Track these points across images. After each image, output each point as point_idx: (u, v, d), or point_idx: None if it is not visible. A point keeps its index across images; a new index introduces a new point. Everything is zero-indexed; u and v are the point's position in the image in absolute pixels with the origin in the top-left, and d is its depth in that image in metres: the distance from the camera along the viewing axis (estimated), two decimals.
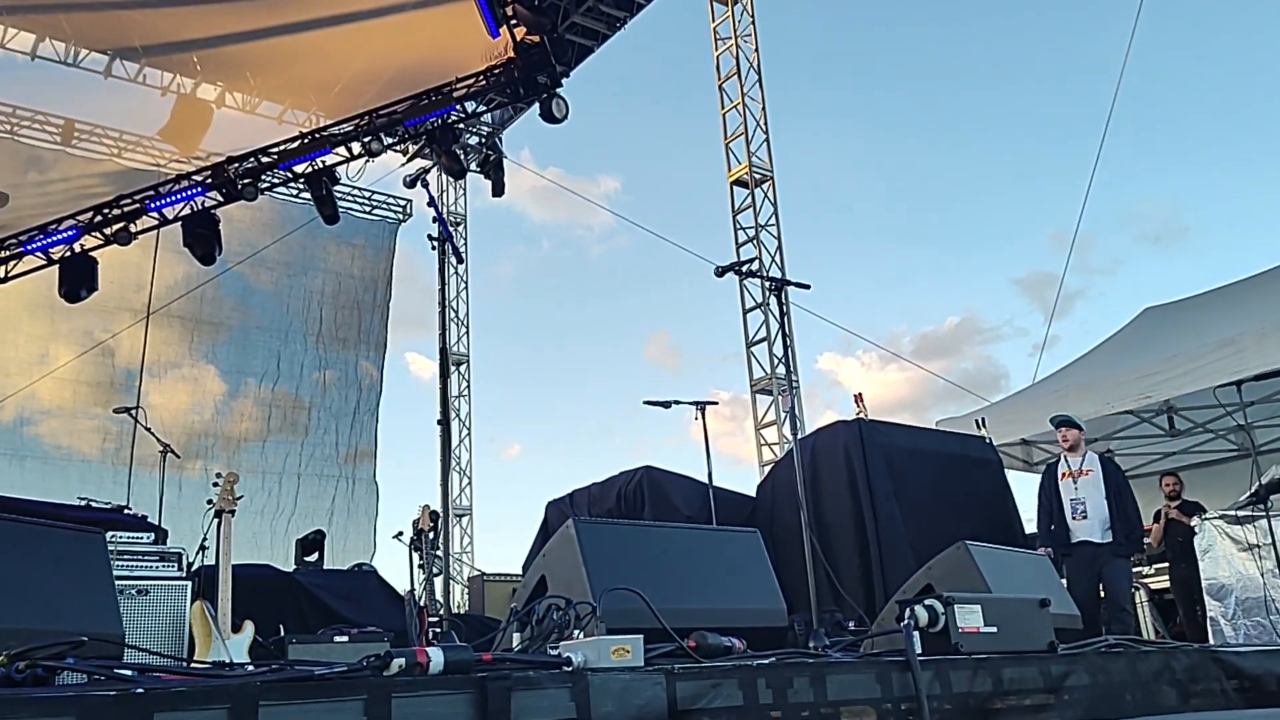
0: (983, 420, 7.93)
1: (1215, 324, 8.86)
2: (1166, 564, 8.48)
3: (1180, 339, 9.03)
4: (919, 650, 2.73)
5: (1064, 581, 5.88)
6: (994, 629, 2.95)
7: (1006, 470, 7.78)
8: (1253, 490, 7.21)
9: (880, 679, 2.65)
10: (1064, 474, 6.75)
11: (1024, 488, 7.58)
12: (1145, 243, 26.02)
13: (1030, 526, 7.03)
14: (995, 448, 7.12)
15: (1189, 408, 9.66)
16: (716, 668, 2.41)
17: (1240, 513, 7.48)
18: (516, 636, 2.64)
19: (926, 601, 2.88)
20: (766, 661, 2.51)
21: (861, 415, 6.97)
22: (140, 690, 1.67)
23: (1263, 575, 7.22)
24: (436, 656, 2.04)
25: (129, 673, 1.86)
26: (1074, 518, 6.58)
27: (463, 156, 11.94)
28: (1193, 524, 7.97)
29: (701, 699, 2.31)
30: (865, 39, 25.91)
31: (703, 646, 2.59)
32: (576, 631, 2.50)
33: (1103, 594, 6.56)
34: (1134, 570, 8.50)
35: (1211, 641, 7.07)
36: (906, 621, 2.80)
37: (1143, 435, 10.47)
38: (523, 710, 2.06)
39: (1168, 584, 8.45)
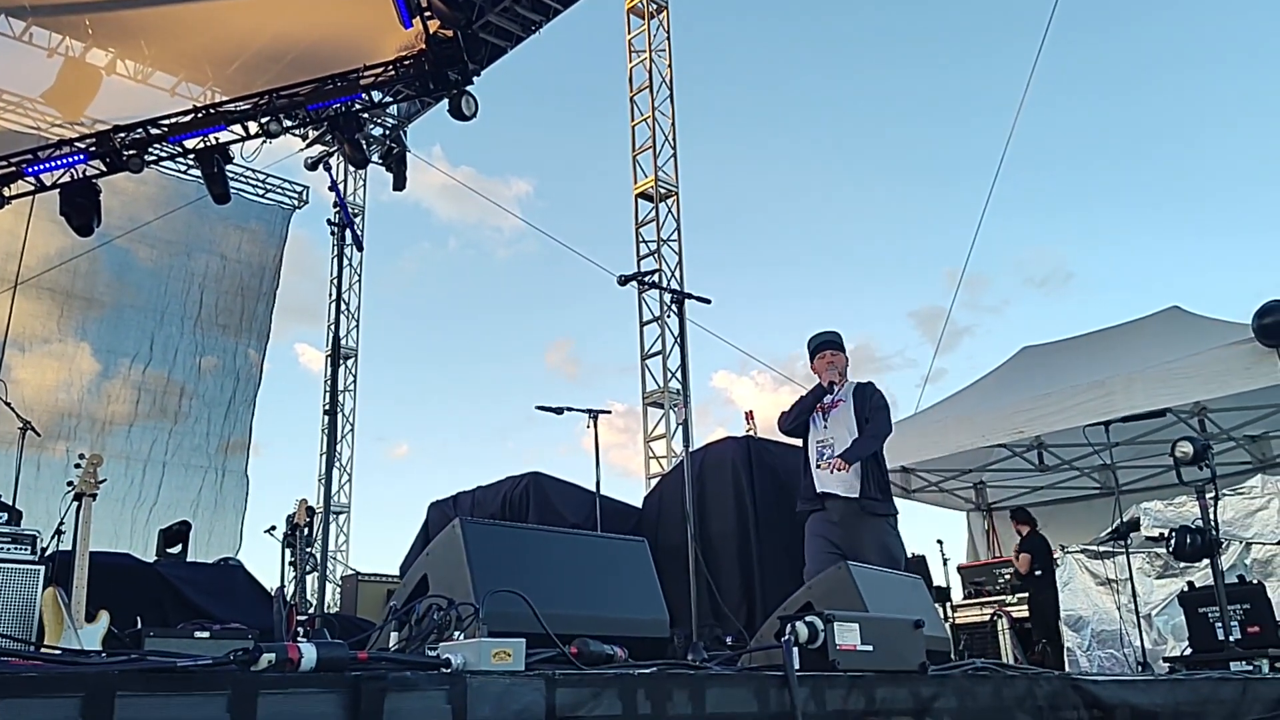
0: None
1: (1088, 366, 9.28)
2: (1028, 593, 8.83)
3: (1054, 378, 9.42)
4: (797, 666, 2.76)
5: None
6: (870, 647, 3.00)
7: None
8: (1114, 527, 7.57)
9: (758, 694, 2.66)
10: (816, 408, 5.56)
11: (903, 514, 7.73)
12: (1032, 286, 27.24)
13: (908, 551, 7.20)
14: None
15: (1058, 445, 10.09)
16: (598, 676, 2.38)
17: (1101, 548, 7.85)
18: (394, 636, 2.56)
19: (807, 618, 2.91)
20: (647, 671, 2.49)
21: (751, 433, 7.06)
22: None
23: (1119, 609, 7.58)
24: (309, 652, 1.95)
25: None
26: (819, 464, 5.29)
27: (365, 147, 11.69)
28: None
29: (581, 707, 2.28)
30: (777, 64, 26.45)
31: (584, 654, 2.56)
32: (457, 633, 2.43)
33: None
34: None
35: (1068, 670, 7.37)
36: (786, 637, 2.82)
37: (1014, 469, 10.89)
38: (396, 712, 1.99)
39: (1028, 612, 8.80)
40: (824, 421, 5.44)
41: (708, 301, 4.48)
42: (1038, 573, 8.84)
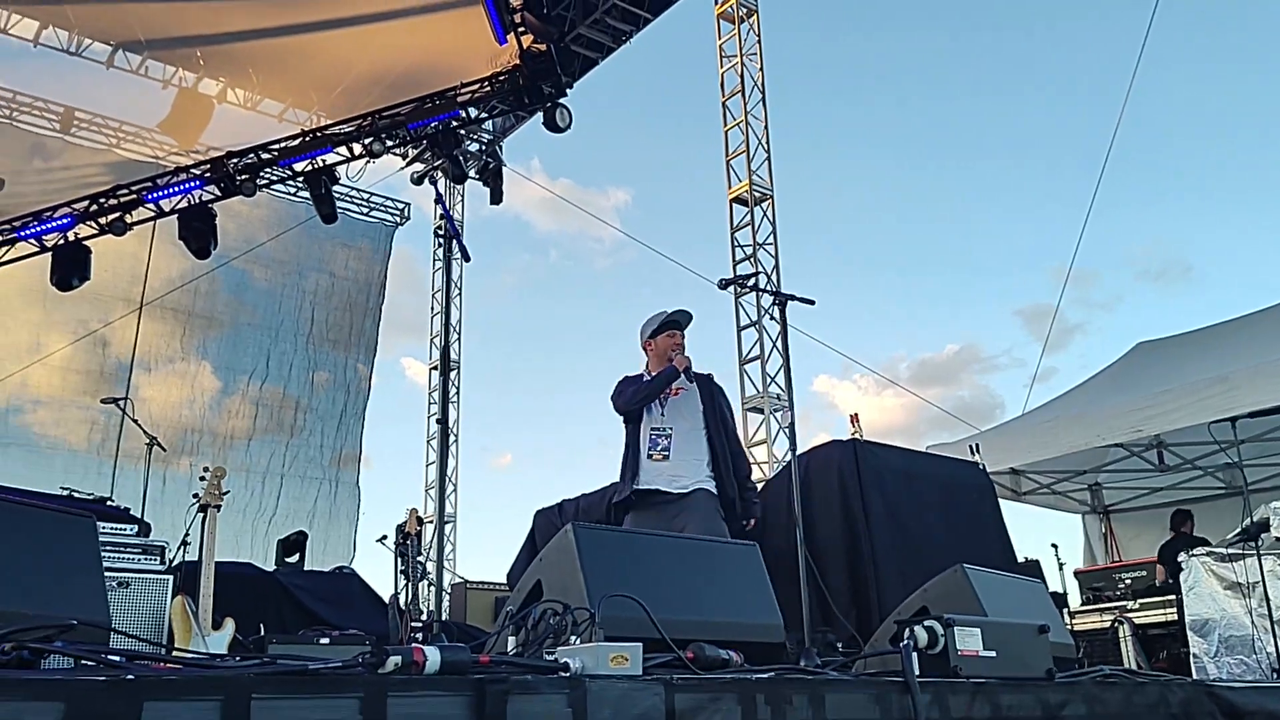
0: (976, 446, 7.92)
1: (1208, 360, 8.88)
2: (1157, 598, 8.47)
3: (1172, 374, 9.05)
4: (917, 671, 2.69)
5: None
6: (993, 653, 2.91)
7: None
8: (1242, 528, 7.21)
9: (879, 700, 2.61)
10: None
11: (1013, 517, 7.46)
12: (1147, 279, 26.19)
13: (1020, 556, 6.99)
14: (988, 473, 7.10)
15: (1179, 443, 9.67)
16: (715, 680, 2.37)
17: (1229, 550, 7.48)
18: (511, 641, 2.59)
19: (926, 622, 2.84)
20: (765, 676, 2.46)
21: (857, 435, 6.94)
22: (131, 677, 1.61)
23: (1249, 613, 7.21)
24: (433, 656, 1.99)
25: (118, 659, 1.80)
26: (650, 454, 4.80)
27: (463, 162, 11.92)
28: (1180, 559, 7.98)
29: (700, 712, 2.26)
30: (873, 64, 26.08)
31: (700, 658, 2.55)
32: (573, 638, 2.45)
33: None
34: (1118, 604, 8.55)
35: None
36: (905, 642, 2.76)
37: (1132, 469, 10.48)
38: (519, 714, 2.01)
39: (1153, 619, 8.43)
40: (662, 409, 4.95)
41: (811, 303, 4.42)
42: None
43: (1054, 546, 9.09)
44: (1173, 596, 8.27)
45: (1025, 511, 11.09)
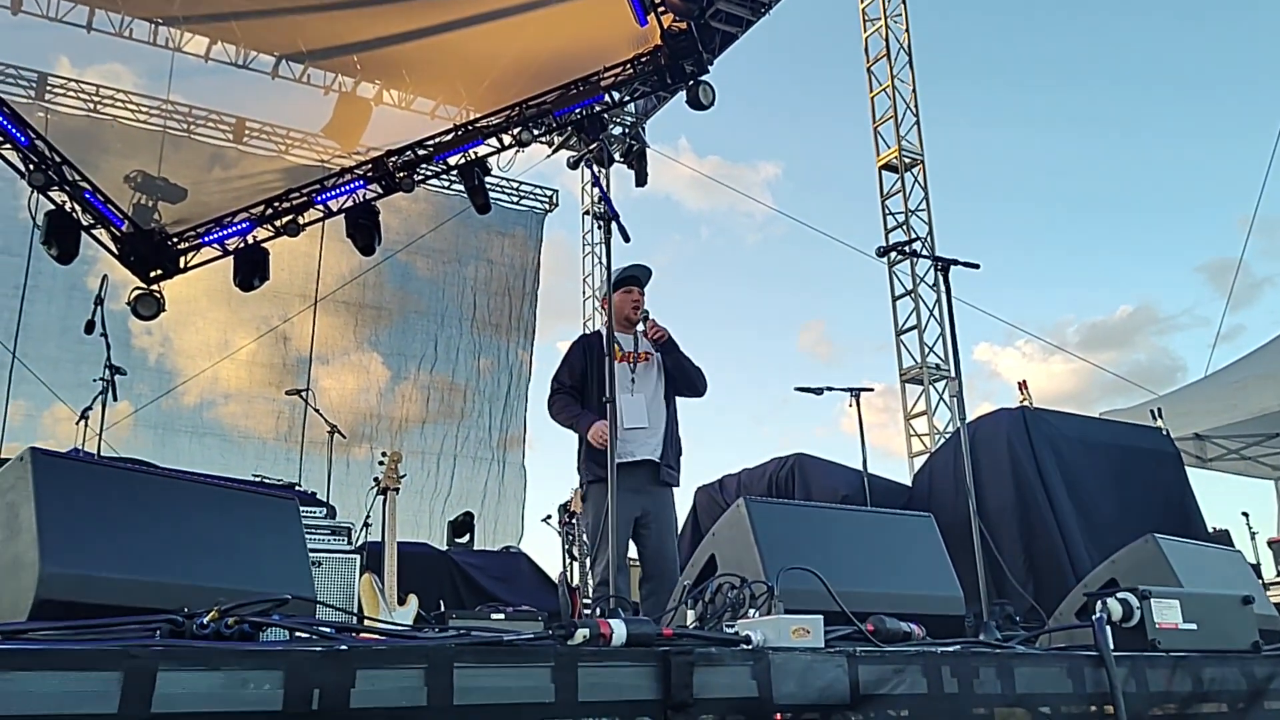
0: (1159, 411, 7.48)
1: None
2: None
3: None
4: (1111, 645, 2.58)
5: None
6: (1193, 626, 2.76)
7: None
8: None
9: (1071, 674, 2.52)
10: (618, 354, 4.55)
11: (1199, 486, 7.01)
12: None
13: (1214, 526, 6.58)
14: (1173, 440, 6.71)
15: None
16: (899, 653, 2.34)
17: None
18: (689, 614, 2.62)
19: (1120, 594, 2.72)
20: (952, 649, 2.42)
21: (1025, 403, 6.67)
22: (344, 647, 1.72)
23: None
24: (619, 629, 2.04)
25: (330, 631, 1.92)
26: (630, 424, 4.53)
27: (608, 146, 12.05)
28: None
29: (885, 684, 2.24)
30: (1022, 17, 24.84)
31: (881, 631, 2.52)
32: (751, 611, 2.46)
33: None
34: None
35: None
36: (1098, 615, 2.65)
37: None
38: (705, 686, 2.04)
39: None
40: (632, 373, 4.60)
41: (976, 266, 4.26)
42: None
43: (1244, 515, 8.55)
44: None
45: (1212, 479, 10.44)
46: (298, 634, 1.94)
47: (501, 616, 5.79)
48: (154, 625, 1.84)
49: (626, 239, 3.75)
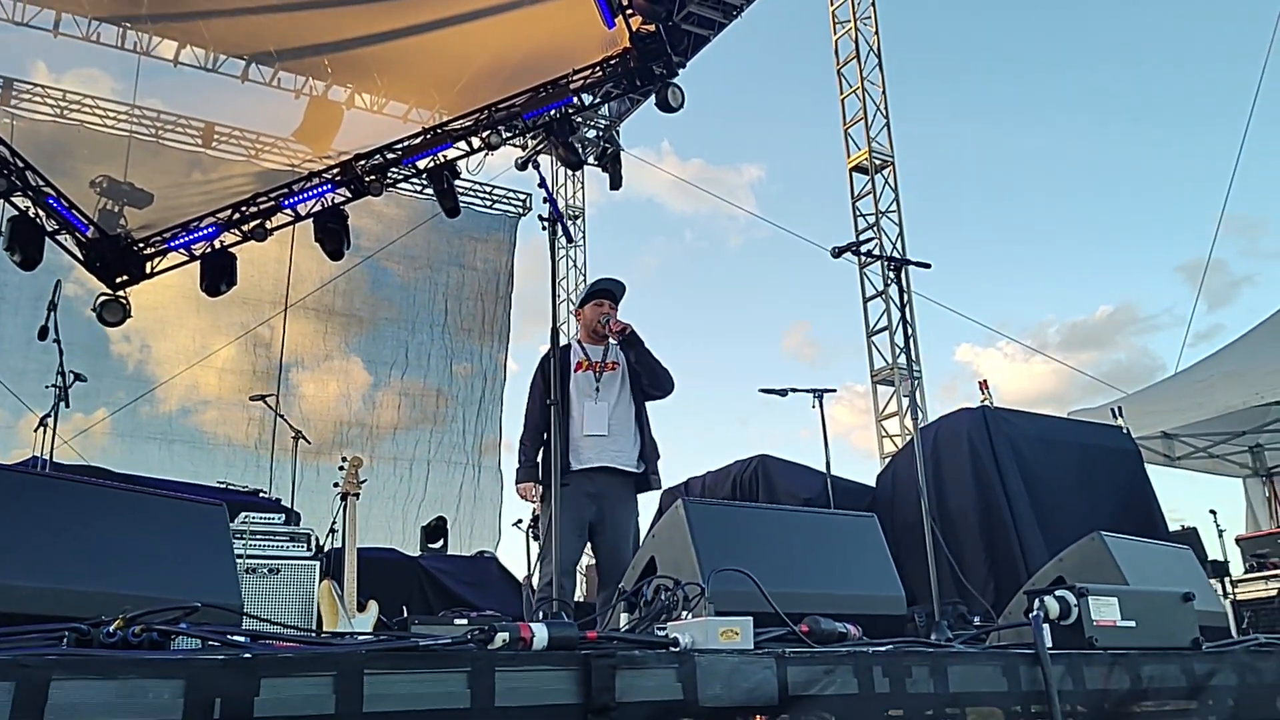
0: (1118, 409, 7.52)
1: None
2: None
3: None
4: (1049, 644, 2.58)
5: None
6: (1132, 623, 2.76)
7: (1146, 465, 7.35)
8: None
9: (1007, 672, 2.51)
10: (580, 364, 4.66)
11: (1168, 484, 7.04)
12: None
13: (1175, 524, 6.62)
14: (1133, 438, 6.74)
15: None
16: (830, 654, 2.33)
17: None
18: (624, 617, 2.61)
19: (1057, 592, 2.72)
20: (884, 649, 2.40)
21: (986, 402, 6.69)
22: (248, 655, 1.70)
23: None
24: (540, 632, 2.02)
25: (242, 639, 1.90)
26: (589, 431, 4.54)
27: (580, 149, 12.01)
28: None
29: (814, 685, 2.23)
30: (991, 17, 24.96)
31: (815, 632, 2.51)
32: (685, 613, 2.44)
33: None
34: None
35: None
36: (1035, 613, 2.65)
37: None
38: (627, 689, 2.03)
39: None
40: (596, 382, 4.62)
41: (927, 266, 4.28)
42: None
43: (1213, 513, 8.58)
44: None
45: (1180, 477, 10.51)
46: (210, 642, 1.91)
47: (464, 621, 5.76)
48: (59, 634, 1.81)
49: (569, 239, 3.74)
